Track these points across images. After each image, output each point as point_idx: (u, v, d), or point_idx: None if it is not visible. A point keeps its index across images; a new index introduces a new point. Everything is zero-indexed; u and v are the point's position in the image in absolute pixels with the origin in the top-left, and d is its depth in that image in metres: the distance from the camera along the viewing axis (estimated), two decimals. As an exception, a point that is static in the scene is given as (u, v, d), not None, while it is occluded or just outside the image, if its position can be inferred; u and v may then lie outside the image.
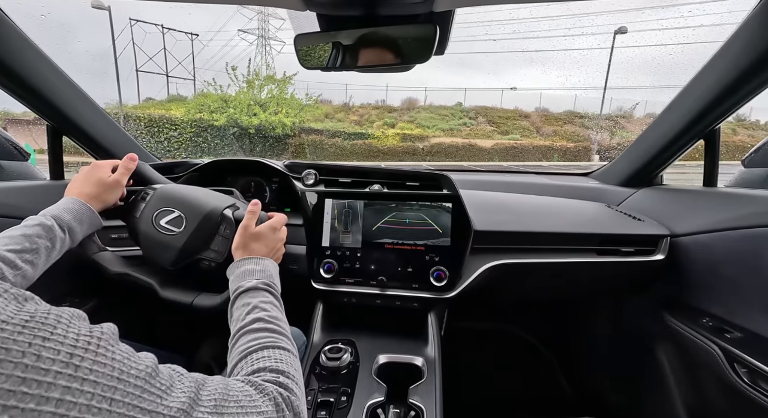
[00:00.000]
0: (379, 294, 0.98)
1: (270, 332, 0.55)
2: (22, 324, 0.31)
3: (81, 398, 0.30)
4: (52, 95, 1.01)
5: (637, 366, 1.19)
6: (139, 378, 0.35)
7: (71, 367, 0.31)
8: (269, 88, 11.12)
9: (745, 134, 9.39)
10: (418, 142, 13.21)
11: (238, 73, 10.89)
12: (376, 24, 0.73)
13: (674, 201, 1.11)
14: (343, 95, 18.04)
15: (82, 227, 0.72)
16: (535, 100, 19.88)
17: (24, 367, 0.29)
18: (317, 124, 12.73)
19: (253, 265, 0.68)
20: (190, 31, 16.16)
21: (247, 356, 0.51)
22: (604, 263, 1.00)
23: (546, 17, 28.36)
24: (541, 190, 1.37)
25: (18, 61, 0.91)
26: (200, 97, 11.54)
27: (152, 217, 0.81)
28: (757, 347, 0.77)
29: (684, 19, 14.47)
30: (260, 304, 0.60)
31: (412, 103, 17.63)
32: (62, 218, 0.69)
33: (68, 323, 0.33)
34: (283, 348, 0.54)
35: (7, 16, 0.86)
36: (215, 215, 0.81)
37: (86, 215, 0.73)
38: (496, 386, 1.56)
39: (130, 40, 13.10)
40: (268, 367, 0.49)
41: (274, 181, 1.27)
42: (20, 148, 1.21)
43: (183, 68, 16.27)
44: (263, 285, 0.64)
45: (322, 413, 0.73)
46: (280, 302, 0.64)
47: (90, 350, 0.33)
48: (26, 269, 0.62)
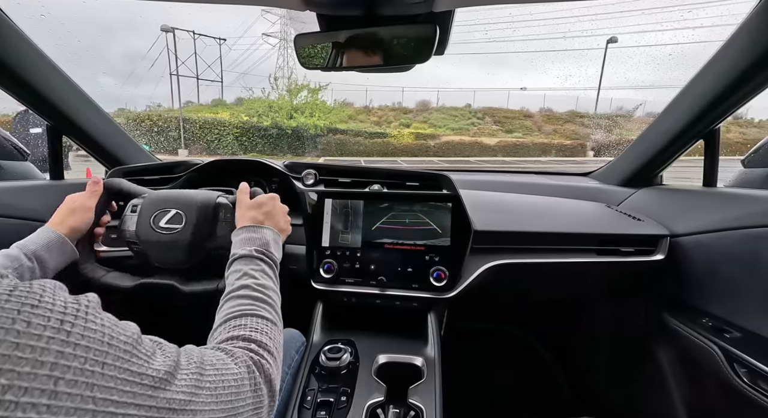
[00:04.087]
0: (379, 294, 0.97)
1: (252, 299, 0.57)
2: (7, 293, 0.31)
3: (74, 362, 0.31)
4: (52, 95, 1.01)
5: (636, 366, 1.19)
6: (127, 343, 0.36)
7: (63, 332, 0.31)
8: (303, 94, 13.23)
9: (737, 132, 9.47)
10: (430, 140, 14.57)
11: (264, 80, 13.10)
12: (376, 24, 0.73)
13: (674, 201, 1.11)
14: (363, 96, 19.70)
15: (51, 255, 0.71)
16: (541, 100, 20.71)
17: (16, 333, 0.29)
18: (342, 124, 14.38)
19: (250, 233, 0.69)
20: (218, 35, 17.59)
21: (227, 321, 0.53)
22: (604, 263, 1.00)
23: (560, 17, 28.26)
24: (540, 190, 1.37)
25: (18, 61, 0.91)
26: (249, 103, 13.99)
27: (150, 221, 0.80)
28: (757, 347, 0.77)
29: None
30: (250, 271, 0.62)
31: (425, 104, 19.01)
32: (28, 247, 0.69)
33: (53, 293, 0.34)
34: (261, 316, 0.55)
35: (7, 16, 0.86)
36: (210, 204, 0.82)
37: (55, 243, 0.72)
38: (495, 386, 1.56)
39: (164, 46, 13.98)
40: (241, 335, 0.50)
41: (274, 181, 1.27)
42: (20, 148, 1.22)
43: (211, 71, 17.73)
44: (257, 253, 0.65)
45: (321, 413, 0.73)
46: (273, 270, 0.65)
47: (80, 317, 0.33)
48: None
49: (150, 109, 13.72)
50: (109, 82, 3.63)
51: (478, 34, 19.53)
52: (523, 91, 21.63)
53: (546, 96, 20.62)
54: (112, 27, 18.23)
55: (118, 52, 18.39)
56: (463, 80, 37.70)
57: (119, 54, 18.52)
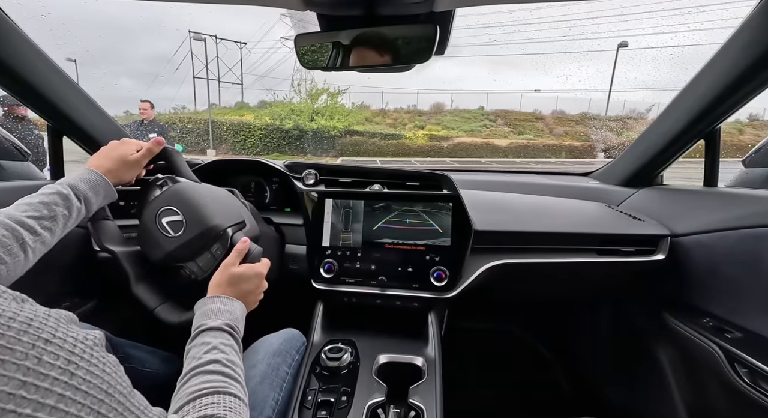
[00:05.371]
0: (380, 294, 0.98)
1: (224, 376, 0.53)
2: (27, 322, 0.30)
3: (72, 407, 0.30)
4: (52, 95, 1.01)
5: (637, 366, 1.19)
6: (123, 395, 0.35)
7: (67, 374, 0.31)
8: (323, 98, 14.34)
9: (752, 134, 9.52)
10: (443, 141, 15.21)
11: (282, 83, 14.24)
12: (376, 24, 0.73)
13: (675, 201, 1.11)
14: (379, 98, 20.26)
15: (97, 198, 0.74)
16: (554, 102, 21.15)
17: (26, 370, 0.28)
18: (359, 126, 15.27)
19: (221, 304, 0.66)
20: (239, 39, 18.58)
21: (196, 399, 0.49)
22: (605, 263, 1.00)
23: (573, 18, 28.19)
24: (541, 190, 1.37)
25: (18, 61, 0.91)
26: (274, 106, 15.36)
27: (157, 212, 0.80)
28: (758, 347, 0.77)
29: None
30: (220, 345, 0.58)
31: (439, 107, 19.60)
32: (78, 187, 0.71)
33: (66, 328, 0.33)
34: (234, 395, 0.52)
35: (8, 16, 0.86)
36: (216, 231, 0.78)
37: (102, 186, 0.74)
38: (496, 386, 1.56)
39: (188, 50, 15.46)
40: (215, 415, 0.47)
41: (275, 181, 1.27)
42: (20, 148, 1.22)
43: (232, 74, 18.99)
44: (226, 327, 0.62)
45: (322, 413, 0.73)
46: (240, 347, 0.63)
47: (84, 359, 0.33)
48: (45, 235, 0.64)
49: (176, 111, 14.50)
50: (131, 84, 3.64)
51: (490, 37, 19.89)
52: (536, 93, 21.81)
53: (559, 98, 20.88)
54: (134, 31, 18.89)
55: (141, 55, 19.06)
56: (476, 83, 38.15)
57: (142, 57, 19.30)
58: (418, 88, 23.26)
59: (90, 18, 20.56)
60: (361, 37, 0.76)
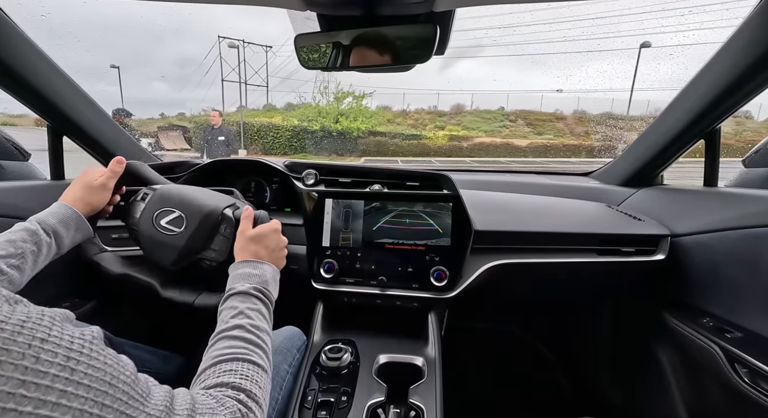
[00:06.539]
0: (380, 294, 0.97)
1: (246, 342, 0.54)
2: (20, 324, 0.31)
3: (75, 402, 0.30)
4: (52, 95, 1.01)
5: (637, 366, 1.19)
6: (126, 384, 0.35)
7: (67, 370, 0.31)
8: (348, 100, 15.08)
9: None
10: (463, 141, 15.58)
11: (304, 85, 15.16)
12: (377, 24, 0.73)
13: (675, 201, 1.11)
14: (401, 99, 21.04)
15: (68, 232, 0.71)
16: (576, 103, 21.49)
17: (24, 369, 0.29)
18: (382, 127, 15.77)
19: (249, 268, 0.66)
20: (265, 43, 19.63)
21: (218, 364, 0.50)
22: (605, 263, 1.00)
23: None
24: (541, 190, 1.37)
25: (18, 61, 0.91)
26: (302, 109, 16.32)
27: (153, 217, 0.81)
28: (758, 347, 0.77)
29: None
30: (246, 310, 0.59)
31: (459, 107, 20.07)
32: (47, 221, 0.69)
33: (62, 326, 0.34)
34: (254, 363, 0.52)
35: (8, 16, 0.86)
36: (215, 215, 0.81)
37: (72, 219, 0.72)
38: (496, 386, 1.56)
39: (218, 54, 15.93)
40: (232, 383, 0.48)
41: (275, 181, 1.27)
42: (20, 148, 1.22)
43: (258, 76, 19.64)
44: (254, 291, 0.62)
45: (322, 413, 0.73)
46: (269, 310, 0.63)
47: (84, 354, 0.33)
48: (12, 274, 0.62)
49: (206, 113, 15.13)
50: (164, 87, 3.68)
51: (515, 37, 20.05)
52: (558, 93, 21.89)
53: (581, 98, 20.92)
54: (160, 33, 19.44)
55: (169, 58, 19.63)
56: (497, 84, 37.98)
57: (172, 60, 19.81)
58: (438, 90, 24.10)
59: (123, 23, 20.49)
60: (361, 37, 0.75)
